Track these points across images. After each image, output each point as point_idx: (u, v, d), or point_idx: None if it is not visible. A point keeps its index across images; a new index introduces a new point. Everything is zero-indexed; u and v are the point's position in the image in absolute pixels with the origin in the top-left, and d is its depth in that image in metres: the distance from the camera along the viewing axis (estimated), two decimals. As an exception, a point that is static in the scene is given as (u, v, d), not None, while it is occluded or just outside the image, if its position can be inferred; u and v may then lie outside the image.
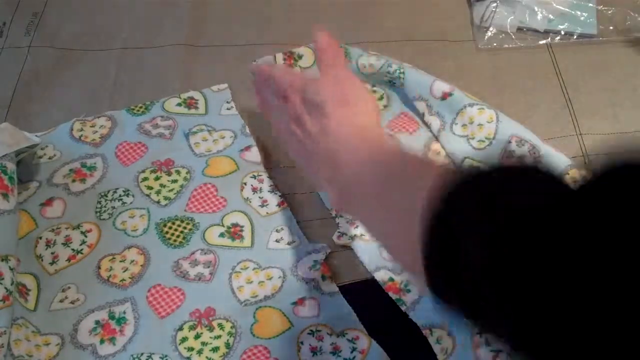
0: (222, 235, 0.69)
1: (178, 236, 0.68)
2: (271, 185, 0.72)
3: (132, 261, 0.66)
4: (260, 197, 0.71)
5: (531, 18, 0.89)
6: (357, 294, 0.65)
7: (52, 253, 0.67)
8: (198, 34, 0.88)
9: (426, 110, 0.77)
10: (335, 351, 0.61)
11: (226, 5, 0.92)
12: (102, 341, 0.61)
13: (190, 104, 0.79)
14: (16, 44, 0.86)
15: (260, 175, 0.73)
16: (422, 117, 0.78)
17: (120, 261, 0.66)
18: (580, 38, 0.88)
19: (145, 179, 0.72)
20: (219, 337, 0.62)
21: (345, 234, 0.69)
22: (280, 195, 0.72)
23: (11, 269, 0.61)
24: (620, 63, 0.86)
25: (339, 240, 0.69)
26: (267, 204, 0.71)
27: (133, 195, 0.71)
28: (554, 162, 0.71)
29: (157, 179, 0.72)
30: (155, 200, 0.71)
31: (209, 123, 0.77)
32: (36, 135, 0.73)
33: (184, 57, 0.85)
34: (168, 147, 0.75)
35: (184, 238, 0.68)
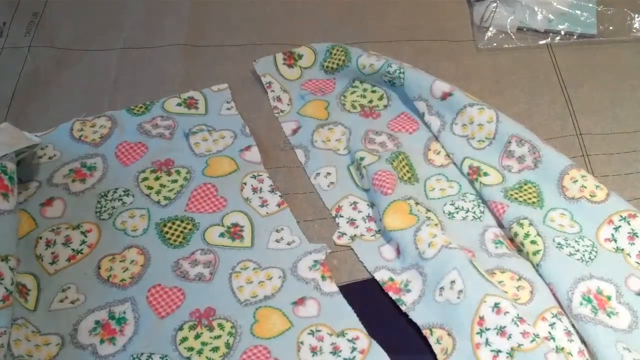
0: (222, 235, 0.69)
1: (178, 236, 0.68)
2: (271, 185, 0.72)
3: (132, 261, 0.66)
4: (260, 197, 0.71)
5: (531, 18, 0.89)
6: (357, 294, 0.65)
7: (52, 253, 0.67)
8: (198, 34, 0.88)
9: (426, 110, 0.77)
10: (335, 351, 0.61)
11: (226, 5, 0.92)
12: (102, 341, 0.61)
13: (190, 104, 0.79)
14: (16, 44, 0.86)
15: (260, 175, 0.73)
16: (422, 117, 0.78)
17: (120, 261, 0.66)
18: (580, 38, 0.88)
19: (145, 179, 0.72)
20: (219, 337, 0.62)
21: (345, 234, 0.69)
22: (280, 195, 0.72)
23: (11, 269, 0.60)
24: (620, 63, 0.86)
25: (339, 240, 0.69)
26: (267, 204, 0.71)
27: (133, 195, 0.71)
28: (554, 162, 0.71)
29: (157, 179, 0.72)
30: (155, 200, 0.71)
31: (209, 123, 0.77)
32: (36, 135, 0.73)
33: (184, 57, 0.85)
34: (168, 147, 0.75)
35: (184, 238, 0.68)
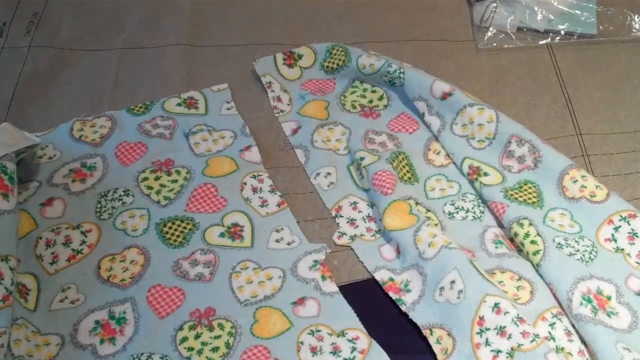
0: (222, 235, 0.69)
1: (178, 236, 0.68)
2: (271, 185, 0.72)
3: (132, 261, 0.66)
4: (260, 197, 0.71)
5: (531, 18, 0.89)
6: (357, 294, 0.65)
7: (52, 253, 0.67)
8: (198, 34, 0.88)
9: (426, 110, 0.77)
10: (335, 351, 0.61)
11: (226, 5, 0.92)
12: (102, 341, 0.61)
13: (190, 104, 0.79)
14: (16, 44, 0.86)
15: (260, 175, 0.73)
16: (422, 117, 0.78)
17: (120, 261, 0.66)
18: (580, 38, 0.88)
19: (145, 179, 0.72)
20: (219, 337, 0.62)
21: (345, 234, 0.69)
22: (280, 195, 0.72)
23: (11, 269, 0.60)
24: (620, 63, 0.86)
25: (339, 240, 0.69)
26: (267, 204, 0.71)
27: (133, 195, 0.71)
28: (554, 162, 0.71)
29: (157, 179, 0.72)
30: (155, 200, 0.71)
31: (209, 123, 0.77)
32: (36, 135, 0.73)
33: (184, 57, 0.85)
34: (168, 147, 0.75)
35: (184, 238, 0.68)
